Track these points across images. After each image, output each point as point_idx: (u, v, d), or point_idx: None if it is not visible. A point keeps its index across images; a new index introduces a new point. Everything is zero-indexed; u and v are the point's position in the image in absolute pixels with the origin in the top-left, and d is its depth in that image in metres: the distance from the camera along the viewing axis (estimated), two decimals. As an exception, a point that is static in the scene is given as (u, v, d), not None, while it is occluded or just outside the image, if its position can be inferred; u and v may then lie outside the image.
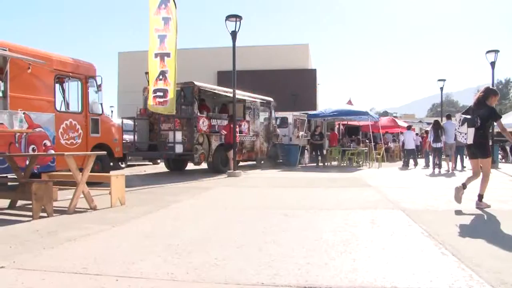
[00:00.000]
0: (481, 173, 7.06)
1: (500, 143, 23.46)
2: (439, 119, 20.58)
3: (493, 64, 19.04)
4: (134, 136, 14.24)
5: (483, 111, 6.89)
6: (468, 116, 7.01)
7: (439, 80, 26.00)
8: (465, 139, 7.07)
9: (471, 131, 6.91)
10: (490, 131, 18.67)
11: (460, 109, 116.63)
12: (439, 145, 16.52)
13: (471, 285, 3.24)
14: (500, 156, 22.38)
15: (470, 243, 4.55)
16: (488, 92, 7.06)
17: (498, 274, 3.47)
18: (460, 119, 7.20)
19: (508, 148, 24.59)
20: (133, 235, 5.01)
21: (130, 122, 15.25)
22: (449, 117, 18.24)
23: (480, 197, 6.99)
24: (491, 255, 4.08)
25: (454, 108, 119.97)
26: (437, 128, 16.68)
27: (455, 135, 7.79)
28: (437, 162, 16.64)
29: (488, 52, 19.26)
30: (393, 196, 8.54)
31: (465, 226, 5.54)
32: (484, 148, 7.02)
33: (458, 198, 7.04)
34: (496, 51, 19.04)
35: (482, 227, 5.53)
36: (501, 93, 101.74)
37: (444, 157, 17.33)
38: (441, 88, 25.97)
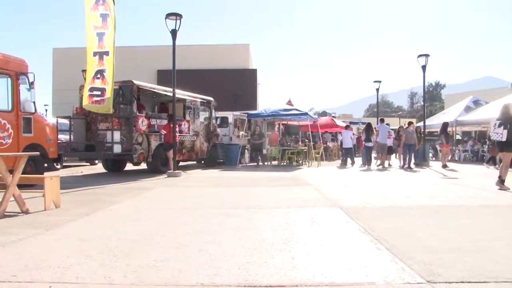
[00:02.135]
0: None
1: (431, 142, 24.67)
2: (374, 120, 21.57)
3: (424, 67, 20.05)
4: (70, 136, 13.77)
5: (510, 118, 9.43)
6: (502, 121, 9.52)
7: (375, 81, 26.83)
8: (501, 137, 9.45)
9: (505, 132, 9.36)
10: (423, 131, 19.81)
11: (395, 110, 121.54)
12: (370, 144, 18.61)
13: (403, 277, 3.40)
14: (431, 155, 23.50)
15: (403, 238, 4.75)
16: (507, 107, 9.68)
17: (428, 266, 3.66)
18: (496, 123, 9.70)
19: (438, 147, 25.93)
20: (69, 239, 4.82)
21: (66, 121, 14.74)
22: (382, 120, 19.86)
23: (502, 181, 9.43)
24: (423, 248, 4.29)
25: (389, 109, 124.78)
26: (369, 129, 18.40)
27: (489, 134, 10.39)
28: (369, 159, 18.60)
29: (419, 56, 20.27)
30: (332, 194, 8.77)
31: (400, 222, 5.78)
32: (510, 145, 9.41)
33: (504, 188, 9.29)
34: (427, 55, 20.09)
35: (415, 222, 5.78)
36: (431, 95, 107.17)
37: (375, 155, 18.66)
38: (377, 89, 26.85)
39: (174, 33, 13.83)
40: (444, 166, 17.21)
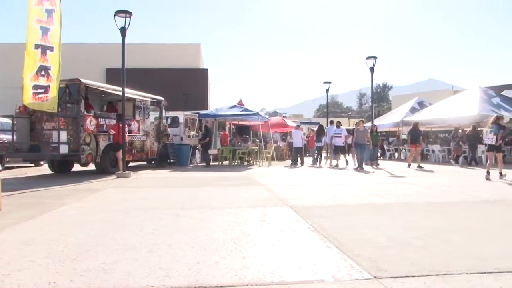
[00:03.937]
0: (498, 160, 12.56)
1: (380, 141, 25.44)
2: (324, 120, 22.08)
3: (372, 69, 20.65)
4: (13, 136, 13.19)
5: (498, 126, 12.08)
6: (493, 128, 12.12)
7: (325, 82, 27.28)
8: (492, 141, 12.10)
9: (495, 137, 11.97)
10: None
11: (344, 110, 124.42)
12: (320, 144, 19.49)
13: (351, 274, 3.51)
14: (379, 154, 24.18)
15: (352, 235, 4.88)
16: (497, 119, 12.31)
17: (374, 262, 3.79)
18: (488, 130, 12.40)
19: (385, 147, 26.76)
20: (10, 244, 4.62)
21: (8, 120, 14.13)
22: (331, 122, 20.44)
23: (500, 174, 11.99)
24: (370, 245, 4.43)
25: (339, 109, 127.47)
26: (319, 130, 19.72)
27: (481, 137, 13.91)
28: (319, 158, 19.78)
29: (367, 58, 20.86)
30: (282, 193, 8.87)
31: (348, 220, 5.92)
32: (499, 147, 12.53)
33: (488, 179, 11.57)
34: (375, 58, 20.73)
35: (363, 220, 5.94)
36: (379, 96, 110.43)
37: (325, 155, 19.40)
38: (327, 90, 27.33)
39: (123, 30, 13.56)
40: (409, 165, 17.06)
